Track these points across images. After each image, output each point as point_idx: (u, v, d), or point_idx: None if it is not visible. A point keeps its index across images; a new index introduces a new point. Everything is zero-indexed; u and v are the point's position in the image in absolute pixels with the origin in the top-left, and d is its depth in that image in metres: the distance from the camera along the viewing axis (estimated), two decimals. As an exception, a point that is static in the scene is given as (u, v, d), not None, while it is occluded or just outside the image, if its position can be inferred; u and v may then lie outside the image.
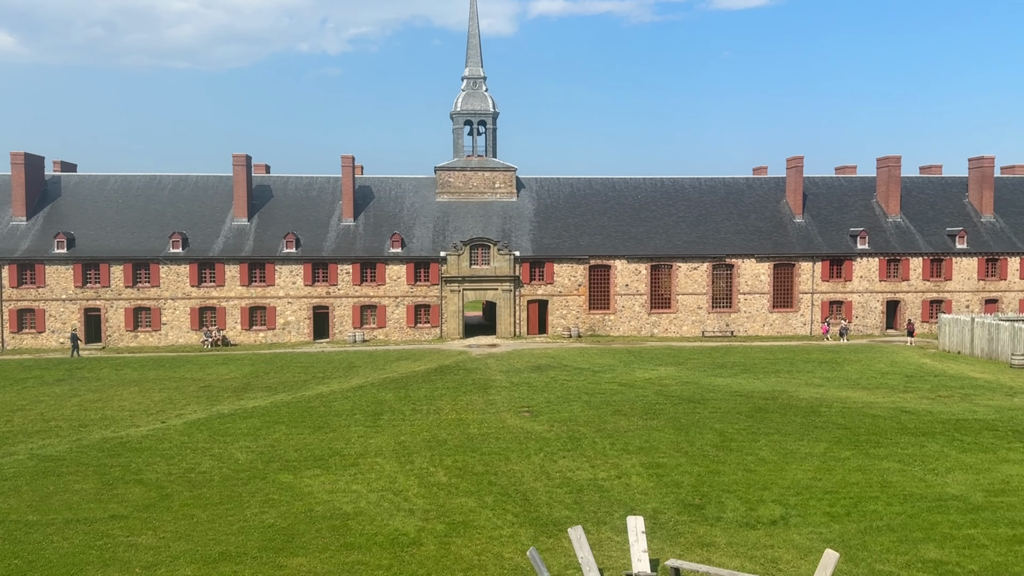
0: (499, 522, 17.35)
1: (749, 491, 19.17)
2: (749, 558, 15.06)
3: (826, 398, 31.53)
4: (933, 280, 59.27)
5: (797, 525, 16.78)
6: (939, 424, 26.21)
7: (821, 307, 58.73)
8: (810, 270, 58.70)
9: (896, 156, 61.27)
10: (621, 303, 58.13)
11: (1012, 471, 20.45)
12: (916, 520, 16.83)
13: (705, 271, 58.43)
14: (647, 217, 60.85)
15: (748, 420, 27.29)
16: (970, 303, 59.35)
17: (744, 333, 58.49)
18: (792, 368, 40.51)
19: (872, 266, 58.96)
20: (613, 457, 22.59)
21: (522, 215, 60.56)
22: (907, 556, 14.87)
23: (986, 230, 60.87)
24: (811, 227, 60.39)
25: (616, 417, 28.12)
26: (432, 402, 31.51)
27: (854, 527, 16.53)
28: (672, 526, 16.92)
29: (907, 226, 60.73)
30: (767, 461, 21.86)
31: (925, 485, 19.35)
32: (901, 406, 29.63)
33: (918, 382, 35.66)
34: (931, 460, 21.69)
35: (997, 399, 31.25)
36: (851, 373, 38.60)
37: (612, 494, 19.23)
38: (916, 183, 64.42)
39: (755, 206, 61.92)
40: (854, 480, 19.85)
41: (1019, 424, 26.12)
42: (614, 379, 37.01)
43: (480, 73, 64.35)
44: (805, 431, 25.44)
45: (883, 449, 22.93)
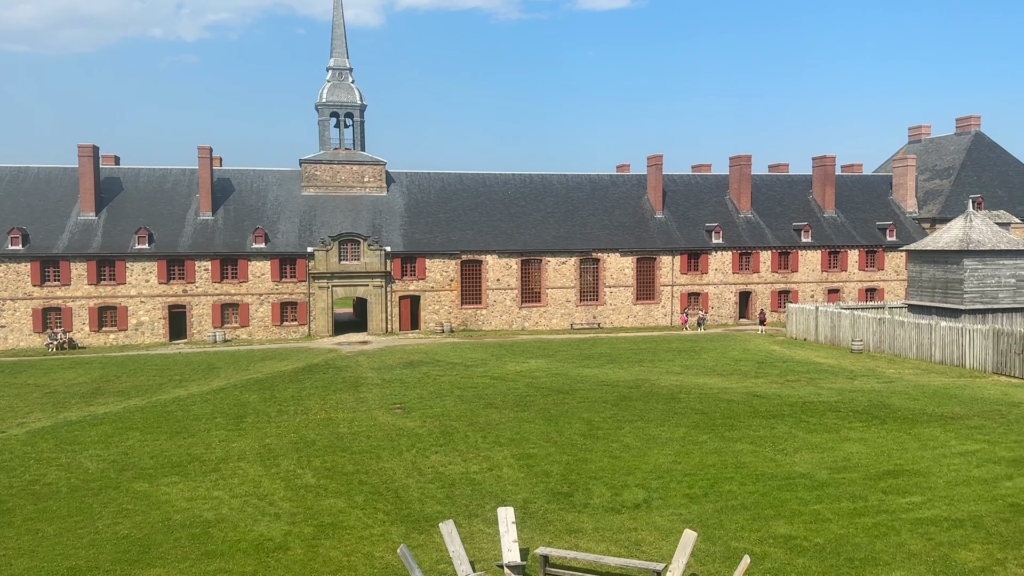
0: (370, 521, 17.11)
1: (614, 477, 19.80)
2: (614, 542, 15.56)
3: (685, 385, 33.00)
4: (781, 272, 63.18)
5: (659, 507, 17.49)
6: (787, 407, 27.98)
7: (680, 299, 61.38)
8: (670, 263, 61.22)
9: (747, 155, 64.86)
10: (493, 298, 58.61)
11: (853, 449, 22.09)
12: (767, 498, 17.89)
13: (573, 265, 59.80)
14: (517, 213, 61.61)
15: (614, 409, 28.17)
16: (815, 293, 63.68)
17: (610, 325, 60.31)
18: (654, 357, 42.13)
19: (726, 259, 62.19)
20: (485, 450, 22.75)
21: (393, 210, 59.91)
22: (759, 532, 15.79)
23: (828, 225, 65.45)
24: (671, 222, 62.98)
25: (488, 410, 28.34)
26: (300, 402, 30.67)
27: (711, 507, 17.40)
28: (542, 515, 17.24)
29: (757, 221, 64.41)
30: (631, 447, 22.64)
31: (775, 465, 20.60)
32: (753, 391, 31.43)
33: (768, 368, 37.93)
34: (780, 441, 23.11)
35: (839, 382, 33.68)
36: (708, 361, 40.58)
37: (484, 487, 19.37)
38: (765, 181, 68.45)
39: (619, 202, 63.93)
40: (711, 462, 20.89)
41: (859, 405, 28.26)
42: (486, 373, 37.28)
43: (346, 64, 63.07)
44: (666, 417, 26.54)
45: (737, 432, 24.24)
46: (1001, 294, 43.60)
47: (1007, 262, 43.65)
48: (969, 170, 68.96)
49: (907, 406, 27.85)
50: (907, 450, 21.68)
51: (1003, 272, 43.62)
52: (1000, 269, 43.58)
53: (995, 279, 43.53)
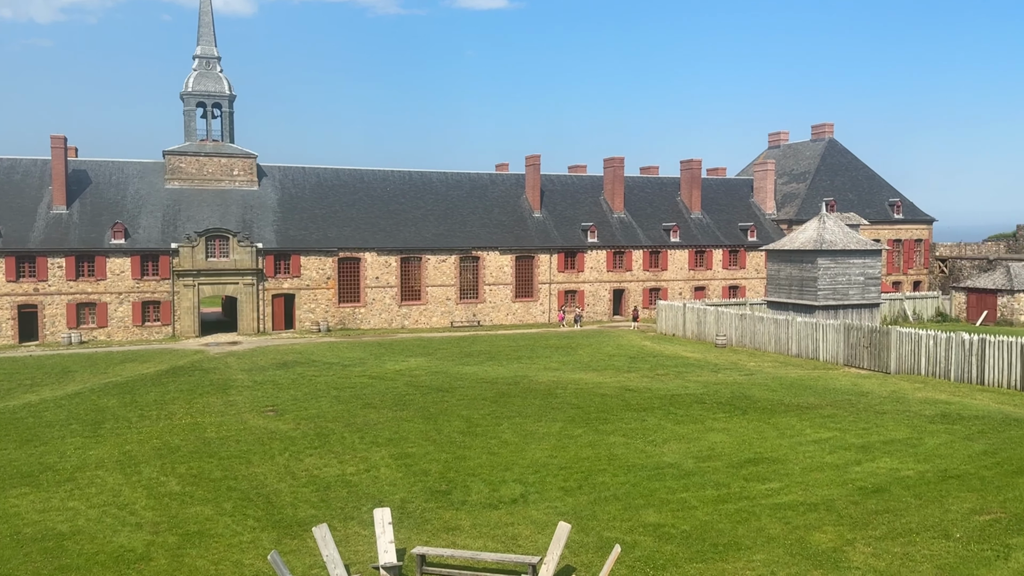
0: (239, 528, 16.49)
1: (493, 473, 19.94)
2: (492, 537, 15.67)
3: (562, 381, 33.65)
4: (652, 270, 65.48)
5: (535, 501, 17.75)
6: (657, 400, 29.02)
7: (558, 296, 62.54)
8: (548, 262, 62.26)
9: (620, 157, 66.82)
10: (372, 296, 57.77)
11: (717, 439, 23.15)
12: (638, 488, 18.49)
13: (453, 263, 59.78)
14: (396, 210, 60.97)
15: (493, 405, 28.37)
16: (683, 290, 66.36)
17: (490, 322, 60.70)
18: (533, 354, 42.73)
19: (601, 258, 63.85)
20: (362, 451, 22.39)
21: (265, 205, 57.97)
22: (630, 522, 16.30)
23: (695, 225, 68.35)
24: (548, 221, 64.04)
25: (366, 410, 27.91)
26: (163, 407, 29.19)
27: (585, 499, 17.82)
28: (420, 514, 17.13)
29: (630, 221, 66.47)
30: (509, 443, 22.86)
31: (646, 456, 21.32)
32: (626, 385, 32.41)
33: (640, 363, 39.23)
34: (651, 433, 23.94)
35: (705, 375, 35.24)
36: (584, 357, 41.55)
37: (360, 488, 19.06)
38: (637, 182, 70.73)
39: (498, 201, 64.42)
40: (585, 455, 21.39)
41: (723, 397, 29.65)
42: (364, 372, 36.70)
43: (214, 52, 60.48)
44: (543, 412, 26.96)
45: (610, 425, 24.94)
46: (851, 291, 46.83)
47: (856, 261, 46.94)
48: (823, 174, 73.70)
49: (766, 397, 29.45)
50: (766, 439, 22.92)
51: (853, 270, 46.87)
52: (850, 268, 46.81)
53: (846, 277, 46.72)
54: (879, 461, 20.18)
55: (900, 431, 23.42)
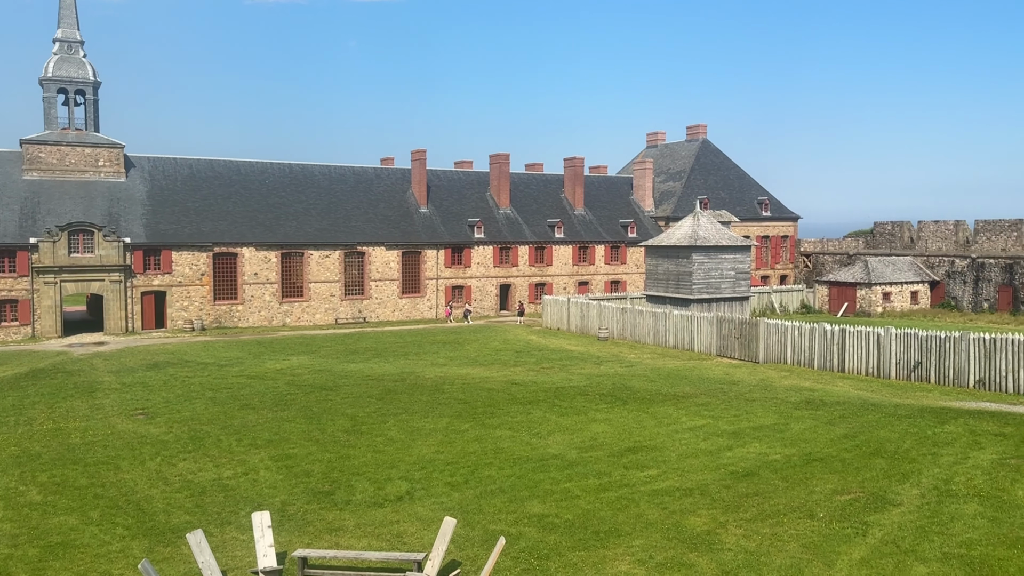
0: (107, 537, 15.61)
1: (378, 471, 19.70)
2: (376, 536, 15.48)
3: (449, 376, 33.63)
4: (537, 266, 66.41)
5: (421, 498, 17.66)
6: (543, 393, 29.46)
7: (445, 292, 62.46)
8: (435, 257, 62.06)
9: (505, 154, 67.37)
10: (250, 293, 55.90)
11: (599, 429, 23.71)
12: (523, 480, 18.71)
13: (337, 259, 58.64)
14: (276, 203, 59.21)
15: (378, 403, 28.02)
16: (567, 285, 67.64)
17: (376, 319, 59.94)
18: (420, 350, 42.49)
19: (487, 253, 64.21)
20: (240, 454, 21.63)
21: (133, 198, 55.03)
22: (515, 514, 16.48)
23: (578, 222, 69.77)
24: (435, 217, 63.83)
25: (244, 412, 26.98)
26: (22, 412, 27.25)
27: (471, 493, 17.88)
28: (301, 516, 16.72)
29: (516, 217, 67.16)
30: (395, 440, 22.65)
31: (531, 448, 21.60)
32: (512, 379, 32.74)
33: (526, 356, 39.71)
34: (536, 425, 24.27)
35: (588, 368, 36.04)
36: (471, 352, 41.67)
37: (238, 492, 18.41)
38: (523, 179, 71.53)
39: (384, 195, 63.67)
40: (472, 450, 21.46)
41: (605, 388, 30.39)
42: (242, 372, 35.47)
43: (76, 36, 56.87)
44: (430, 408, 26.86)
45: (497, 419, 25.12)
46: (723, 285, 49.02)
47: (728, 256, 49.17)
48: (697, 173, 76.76)
49: (645, 387, 30.42)
50: (645, 428, 23.68)
51: (724, 265, 49.07)
52: (722, 263, 48.98)
53: (718, 271, 48.85)
54: (749, 446, 21.21)
55: (768, 417, 24.69)
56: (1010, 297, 56.74)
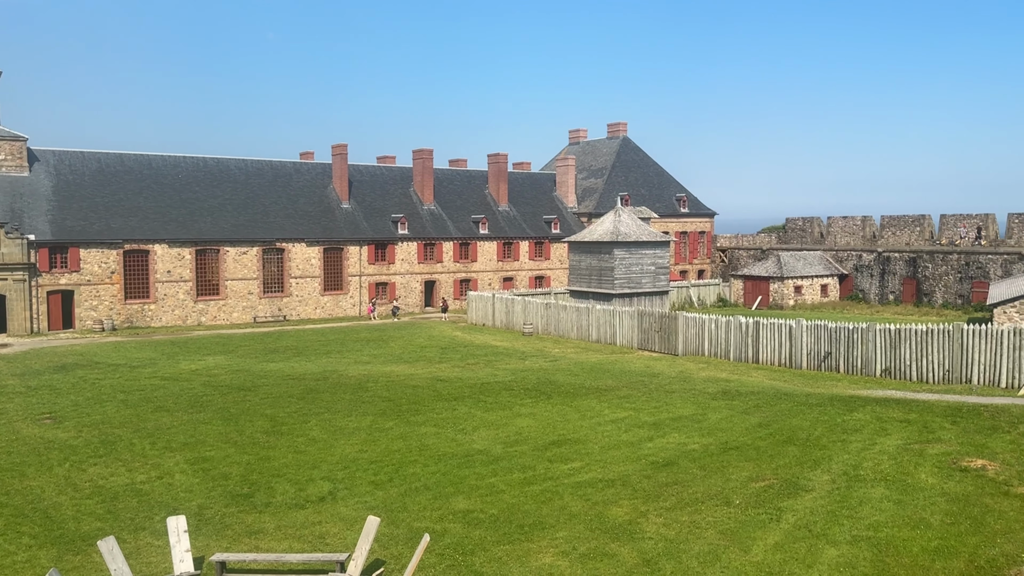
0: (12, 547, 14.87)
1: (299, 472, 19.35)
2: (298, 538, 15.21)
3: (373, 374, 33.28)
4: (462, 262, 66.33)
5: (344, 498, 17.44)
6: (468, 388, 29.46)
7: (369, 289, 61.77)
8: (357, 254, 61.29)
9: (429, 149, 67.03)
10: (163, 291, 54.09)
11: (524, 424, 23.86)
12: (448, 477, 18.68)
13: (255, 255, 57.27)
14: (190, 199, 57.41)
15: (300, 402, 27.52)
16: (492, 281, 67.78)
17: (297, 317, 58.82)
18: (343, 348, 41.90)
19: (412, 250, 63.79)
20: (154, 458, 20.92)
21: (37, 193, 52.50)
22: (440, 510, 16.44)
23: (503, 218, 69.98)
24: (357, 213, 63.02)
25: (158, 414, 26.09)
26: (-86, 419, 25.69)
27: (396, 491, 17.75)
28: (220, 520, 16.29)
29: (440, 213, 66.90)
30: (317, 440, 22.29)
31: (456, 444, 21.57)
32: (437, 375, 32.63)
33: (451, 353, 39.63)
34: (461, 421, 24.26)
35: (513, 363, 36.21)
36: (395, 349, 41.33)
37: (152, 497, 17.81)
38: (447, 174, 71.30)
39: (304, 190, 62.49)
40: (396, 447, 21.30)
41: (530, 383, 30.59)
42: (156, 373, 34.29)
43: (-27, 22, 53.80)
44: (354, 407, 26.53)
45: (421, 416, 25.00)
46: (644, 280, 49.95)
47: (648, 252, 50.13)
48: (618, 171, 77.96)
49: (569, 381, 30.77)
50: (569, 421, 23.95)
51: (645, 260, 50.02)
52: (643, 258, 49.91)
53: (639, 267, 49.76)
54: (669, 437, 21.70)
55: (687, 408, 25.31)
56: (914, 289, 59.61)
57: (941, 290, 57.83)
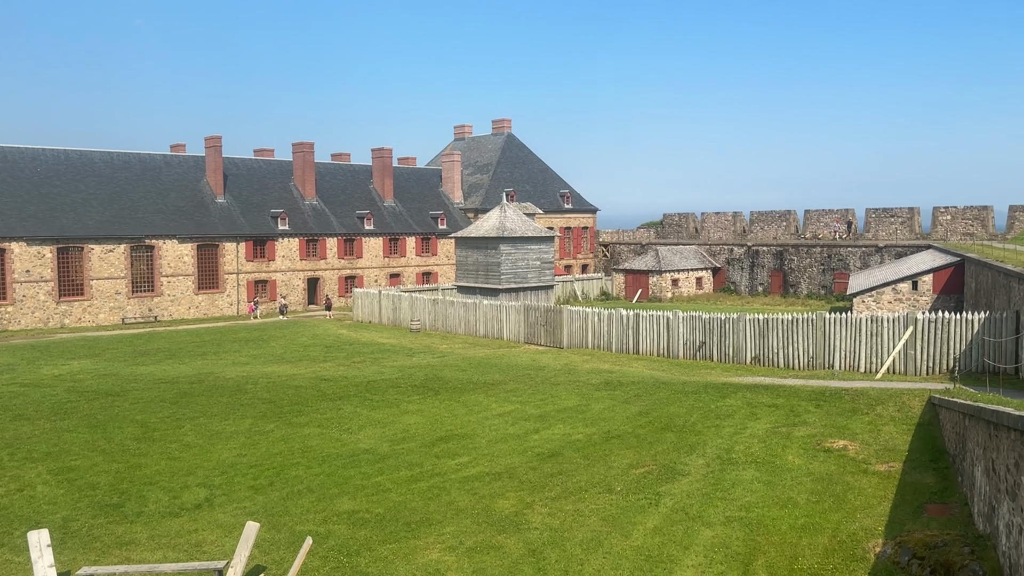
0: None
1: (173, 479, 18.52)
2: (173, 547, 14.56)
3: (252, 375, 32.21)
4: (347, 258, 65.16)
5: (222, 504, 16.81)
6: (353, 387, 28.97)
7: (247, 287, 59.74)
8: (235, 251, 59.13)
9: (310, 142, 65.46)
10: (22, 292, 50.49)
11: (411, 421, 23.70)
12: (333, 478, 18.33)
13: (123, 253, 54.31)
14: (50, 194, 53.80)
15: (173, 407, 26.32)
16: (378, 278, 66.93)
17: (169, 317, 56.21)
18: (220, 349, 40.36)
19: (293, 246, 62.12)
20: (13, 469, 19.52)
21: None
22: (324, 512, 16.11)
23: (388, 213, 69.20)
24: (234, 208, 60.78)
25: (17, 423, 24.34)
26: None
27: (277, 495, 17.26)
28: (87, 532, 15.37)
29: (323, 208, 65.45)
30: (192, 446, 21.39)
31: (341, 444, 21.19)
32: (321, 375, 31.93)
33: (336, 351, 38.87)
34: (346, 421, 23.84)
35: (400, 360, 35.88)
36: (276, 349, 40.16)
37: (12, 510, 16.61)
38: (329, 169, 69.81)
39: (175, 185, 59.73)
40: (278, 450, 20.71)
41: (417, 380, 30.39)
42: (14, 380, 31.99)
43: None
44: (231, 410, 25.60)
45: (305, 417, 24.41)
46: (530, 274, 50.58)
47: (534, 247, 50.77)
48: (504, 166, 78.55)
49: (457, 377, 30.78)
50: (456, 416, 23.97)
51: (531, 256, 50.64)
52: (529, 253, 50.51)
53: (525, 262, 50.33)
54: (554, 428, 22.08)
55: (571, 400, 25.82)
56: (781, 281, 63.00)
57: (806, 281, 61.37)
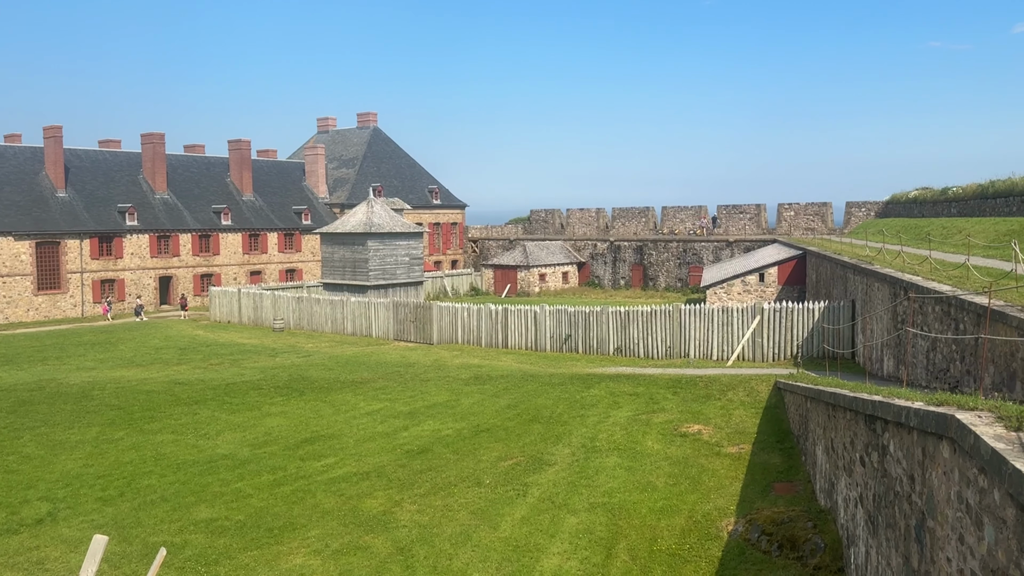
0: None
1: (11, 494, 17.10)
2: (12, 567, 13.45)
3: (99, 380, 30.22)
4: (203, 255, 62.24)
5: (67, 518, 15.69)
6: (211, 391, 27.73)
7: (93, 287, 55.97)
8: (78, 248, 55.27)
9: (160, 133, 62.08)
10: None
11: (274, 423, 22.94)
12: (189, 486, 17.48)
13: (-53, 252, 49.60)
14: None
15: (10, 416, 24.32)
16: (237, 275, 64.33)
17: (5, 321, 51.87)
18: (63, 353, 37.63)
19: (143, 243, 58.74)
20: None
21: None
22: (180, 522, 15.35)
23: (248, 208, 66.61)
24: (76, 202, 56.78)
25: None
26: None
27: (128, 506, 16.28)
28: (-95, 560, 13.94)
29: (175, 203, 62.22)
30: (33, 457, 19.84)
31: (198, 451, 20.24)
32: (175, 378, 30.36)
33: (192, 353, 37.08)
34: (203, 426, 22.79)
35: (262, 360, 34.66)
36: (126, 352, 37.87)
37: None
38: (182, 161, 66.42)
39: (10, 178, 55.10)
40: (128, 459, 19.54)
41: (280, 381, 29.45)
42: None
43: None
44: (76, 418, 23.93)
45: (157, 423, 23.14)
46: (398, 271, 50.08)
47: (402, 243, 50.31)
48: (370, 161, 77.36)
49: (323, 376, 30.07)
50: (323, 417, 23.43)
51: (399, 252, 50.15)
52: (397, 249, 50.00)
53: (393, 258, 49.79)
54: (424, 424, 21.98)
55: (441, 395, 25.79)
56: (641, 275, 65.41)
57: (664, 275, 64.02)
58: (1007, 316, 11.81)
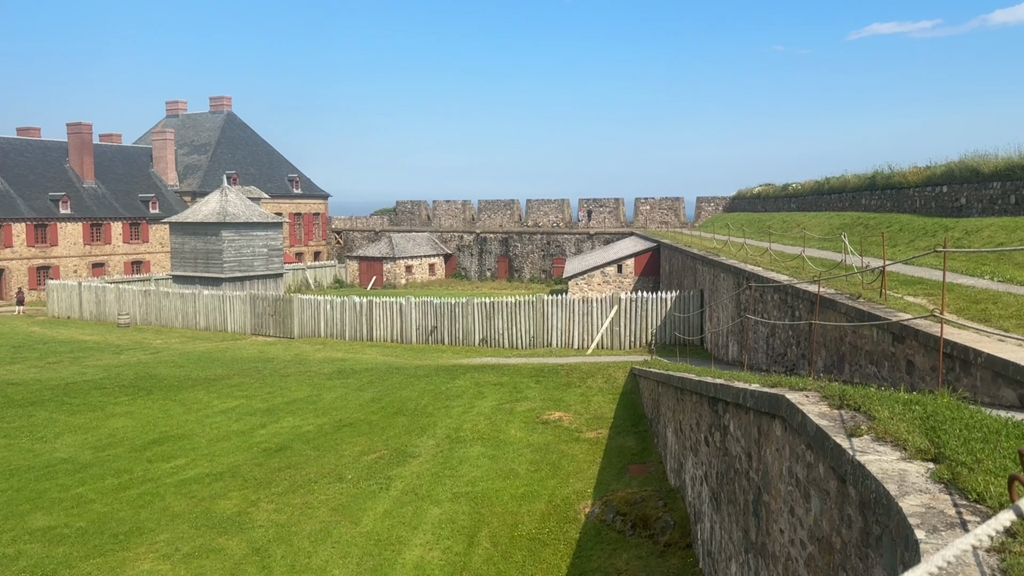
0: None
1: None
2: None
3: (-84, 384, 27.44)
4: (39, 246, 57.74)
5: None
6: (48, 391, 25.81)
7: (-92, 280, 50.68)
8: None
9: None
10: None
11: (118, 424, 21.63)
12: (23, 492, 16.22)
13: None
14: None
15: None
16: (78, 268, 60.07)
17: None
18: None
19: (-30, 232, 53.77)
20: None
21: None
22: (14, 531, 14.22)
23: (89, 196, 62.28)
24: None
25: None
26: None
27: (-50, 519, 14.92)
28: None
29: (7, 190, 57.35)
30: None
31: (33, 455, 18.81)
32: (8, 378, 28.04)
33: (27, 351, 34.35)
34: (40, 428, 21.20)
35: (106, 358, 32.55)
36: (-51, 352, 34.58)
37: None
38: (14, 145, 61.31)
39: None
40: (-49, 468, 17.88)
41: (126, 379, 27.77)
42: None
43: None
44: None
45: (-14, 428, 21.30)
46: (256, 262, 48.31)
47: (260, 233, 48.54)
48: (224, 147, 74.07)
49: (173, 374, 28.62)
50: (172, 416, 22.31)
51: (257, 243, 48.37)
52: (254, 240, 48.20)
53: (251, 249, 47.97)
54: (283, 421, 21.36)
55: (302, 391, 25.15)
56: (507, 266, 66.18)
57: (529, 266, 65.09)
58: (836, 303, 12.80)
